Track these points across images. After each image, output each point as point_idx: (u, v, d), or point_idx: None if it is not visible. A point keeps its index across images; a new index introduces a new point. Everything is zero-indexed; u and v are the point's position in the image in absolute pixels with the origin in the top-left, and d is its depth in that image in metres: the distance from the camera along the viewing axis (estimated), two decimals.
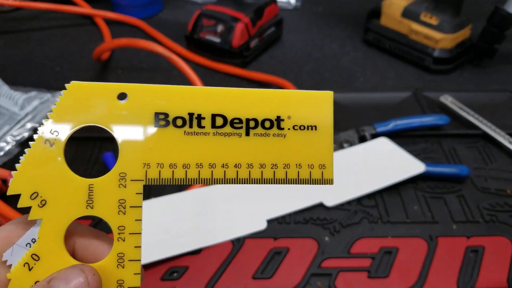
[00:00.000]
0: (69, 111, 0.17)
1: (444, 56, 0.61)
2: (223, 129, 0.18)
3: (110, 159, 0.45)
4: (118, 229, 0.17)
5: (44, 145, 0.17)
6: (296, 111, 0.18)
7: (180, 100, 0.18)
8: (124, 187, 0.17)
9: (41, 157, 0.17)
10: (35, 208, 0.17)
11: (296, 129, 0.18)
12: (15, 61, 0.64)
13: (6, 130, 0.49)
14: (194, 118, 0.18)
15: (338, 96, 0.56)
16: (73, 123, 0.17)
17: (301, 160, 0.18)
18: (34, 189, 0.17)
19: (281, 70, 0.63)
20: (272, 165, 0.18)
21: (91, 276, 0.17)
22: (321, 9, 0.79)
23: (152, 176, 0.17)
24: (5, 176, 0.42)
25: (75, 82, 0.17)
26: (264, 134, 0.18)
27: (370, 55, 0.67)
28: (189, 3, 0.80)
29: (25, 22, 0.73)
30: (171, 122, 0.17)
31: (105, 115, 0.17)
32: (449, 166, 0.45)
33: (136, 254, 0.18)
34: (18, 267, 0.17)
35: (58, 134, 0.17)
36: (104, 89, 0.17)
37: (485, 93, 0.58)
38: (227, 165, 0.18)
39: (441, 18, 0.60)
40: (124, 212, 0.17)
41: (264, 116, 0.18)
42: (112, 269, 0.17)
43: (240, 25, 0.60)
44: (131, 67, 0.63)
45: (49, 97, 0.54)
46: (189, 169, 0.17)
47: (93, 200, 0.17)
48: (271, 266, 0.37)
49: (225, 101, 0.18)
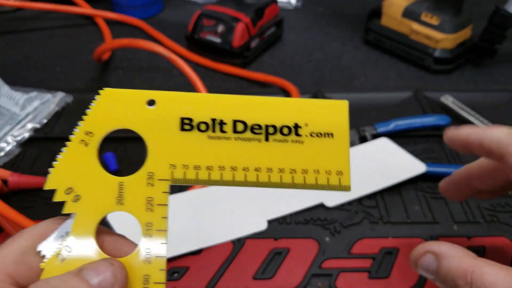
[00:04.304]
0: (102, 114, 0.18)
1: (445, 56, 0.61)
2: (243, 134, 0.19)
3: (110, 159, 0.45)
4: (146, 226, 0.18)
5: (80, 145, 0.18)
6: (313, 118, 0.19)
7: (204, 106, 0.19)
8: (152, 186, 0.18)
9: (76, 155, 0.18)
10: (69, 203, 0.18)
11: (313, 136, 0.19)
12: (16, 61, 0.64)
13: (6, 130, 0.49)
14: (216, 124, 0.19)
15: (338, 96, 0.56)
16: (106, 126, 0.19)
17: (318, 166, 0.19)
18: (69, 184, 0.18)
19: (281, 70, 0.63)
20: (291, 170, 0.19)
21: (119, 270, 0.18)
22: (322, 9, 0.79)
23: (178, 176, 0.18)
24: (6, 176, 0.42)
25: (107, 89, 0.18)
26: (283, 140, 0.19)
27: (371, 55, 0.67)
28: (189, 3, 0.80)
29: (25, 23, 0.73)
30: (195, 126, 0.18)
31: (135, 119, 0.18)
32: (450, 166, 0.45)
33: (163, 251, 0.18)
34: (51, 257, 0.18)
35: (92, 135, 0.18)
36: (134, 96, 0.19)
37: (486, 93, 0.57)
38: (248, 168, 0.18)
39: (442, 18, 0.60)
40: (152, 210, 0.18)
41: (282, 123, 0.19)
42: (139, 264, 0.18)
43: (240, 25, 0.60)
44: (131, 67, 0.63)
45: (50, 97, 0.54)
46: (212, 171, 0.18)
47: (123, 197, 0.18)
48: (272, 267, 0.37)
49: (245, 108, 0.19)
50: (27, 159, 0.47)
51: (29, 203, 0.42)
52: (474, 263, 0.19)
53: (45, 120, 0.51)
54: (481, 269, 0.19)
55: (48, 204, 0.42)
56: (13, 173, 0.43)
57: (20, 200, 0.42)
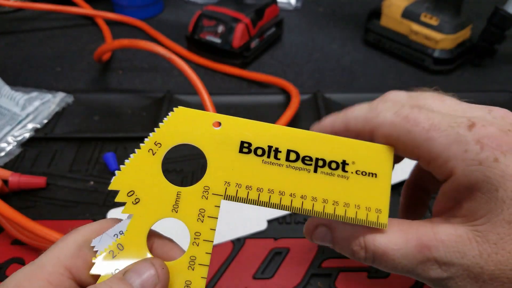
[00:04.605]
0: (173, 129, 0.20)
1: (444, 56, 0.61)
2: (295, 163, 0.20)
3: (111, 159, 0.46)
4: (194, 235, 0.20)
5: (148, 153, 0.20)
6: (361, 158, 0.20)
7: (263, 133, 0.20)
8: (206, 199, 0.20)
9: (143, 162, 0.20)
10: (129, 204, 0.20)
11: (358, 173, 0.20)
12: (16, 61, 0.64)
13: (7, 130, 0.49)
14: (272, 150, 0.20)
15: (338, 96, 0.56)
16: (174, 140, 0.20)
17: (360, 202, 0.20)
18: (132, 188, 0.20)
19: (281, 71, 0.63)
20: (334, 202, 0.20)
21: (160, 269, 0.19)
22: (322, 10, 0.79)
23: (230, 193, 0.20)
24: (6, 176, 0.42)
25: (181, 107, 0.20)
26: (330, 174, 0.20)
27: (371, 56, 0.67)
28: (189, 3, 0.80)
29: (26, 23, 0.74)
30: (253, 150, 0.20)
31: (200, 137, 0.20)
32: None
33: (206, 260, 0.20)
34: (103, 253, 0.19)
35: (160, 146, 0.20)
36: (203, 116, 0.20)
37: (485, 93, 0.58)
38: (295, 195, 0.20)
39: (441, 19, 0.60)
40: (202, 220, 0.20)
41: (331, 158, 0.20)
42: (183, 269, 0.20)
43: (240, 25, 0.60)
44: (132, 68, 0.63)
45: (50, 97, 0.54)
46: (262, 193, 0.20)
47: (179, 205, 0.20)
48: (272, 266, 0.37)
49: (300, 140, 0.20)
50: (27, 159, 0.47)
51: (29, 203, 0.42)
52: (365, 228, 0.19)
53: (46, 120, 0.52)
54: (372, 232, 0.19)
55: (49, 204, 0.42)
56: (14, 173, 0.43)
57: (21, 200, 0.42)
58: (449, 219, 0.18)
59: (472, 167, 0.17)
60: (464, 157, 0.17)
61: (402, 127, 0.19)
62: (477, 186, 0.17)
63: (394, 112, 0.19)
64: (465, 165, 0.17)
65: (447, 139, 0.18)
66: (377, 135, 0.20)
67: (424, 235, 0.18)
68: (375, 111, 0.20)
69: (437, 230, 0.18)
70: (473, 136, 0.17)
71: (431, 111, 0.19)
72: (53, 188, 0.44)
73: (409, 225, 0.19)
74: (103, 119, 0.53)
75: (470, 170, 0.17)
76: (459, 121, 0.18)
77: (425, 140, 0.18)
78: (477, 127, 0.17)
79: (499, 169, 0.17)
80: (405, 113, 0.19)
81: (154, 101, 0.55)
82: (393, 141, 0.19)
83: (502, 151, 0.17)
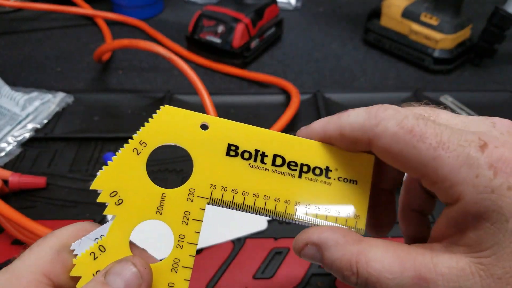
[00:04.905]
0: (159, 128, 0.20)
1: (444, 56, 0.61)
2: (281, 168, 0.20)
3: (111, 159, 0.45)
4: (178, 237, 0.20)
5: (132, 152, 0.19)
6: (343, 165, 0.21)
7: (251, 137, 0.20)
8: (191, 201, 0.20)
9: (127, 162, 0.19)
10: (112, 205, 0.19)
11: (340, 180, 0.21)
12: (16, 61, 0.64)
13: (7, 130, 0.49)
14: (259, 154, 0.20)
15: (338, 96, 0.56)
16: (160, 139, 0.20)
17: (340, 208, 0.21)
18: (115, 188, 0.19)
19: (281, 70, 0.63)
20: (316, 207, 0.20)
21: (142, 268, 0.18)
22: (322, 10, 0.80)
23: (216, 196, 0.20)
24: (6, 176, 0.42)
25: (168, 106, 0.20)
26: (314, 179, 0.21)
27: (371, 56, 0.67)
28: (189, 3, 0.80)
29: (26, 23, 0.74)
30: (239, 154, 0.20)
31: (187, 138, 0.20)
32: None
33: (190, 262, 0.20)
34: (84, 254, 0.19)
35: (145, 145, 0.19)
36: (191, 117, 0.20)
37: (485, 93, 0.58)
38: (279, 199, 0.20)
39: (441, 19, 0.60)
40: (187, 223, 0.20)
41: (316, 164, 0.21)
42: (166, 271, 0.19)
43: (240, 25, 0.60)
44: (131, 68, 0.63)
45: (50, 97, 0.54)
46: (247, 196, 0.20)
47: (163, 207, 0.19)
48: (272, 266, 0.37)
49: (287, 145, 0.21)
50: (27, 159, 0.47)
51: (29, 203, 0.42)
52: (358, 250, 0.18)
53: (46, 120, 0.51)
54: (366, 256, 0.18)
55: (49, 204, 0.42)
56: (14, 173, 0.43)
57: (21, 200, 0.42)
58: (450, 247, 0.17)
59: (484, 194, 0.15)
60: (475, 183, 0.16)
61: (407, 141, 0.17)
62: (486, 215, 0.15)
63: (397, 122, 0.17)
64: (475, 192, 0.16)
65: (457, 160, 0.16)
66: (376, 145, 0.18)
67: (422, 266, 0.17)
68: (374, 119, 0.18)
69: (437, 261, 0.17)
70: (486, 159, 0.16)
71: (438, 124, 0.17)
72: (53, 188, 0.44)
73: (407, 251, 0.17)
74: (103, 119, 0.53)
75: (481, 198, 0.15)
76: (470, 139, 0.16)
77: (432, 159, 0.16)
78: (490, 148, 0.16)
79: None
80: (409, 124, 0.17)
81: (154, 101, 0.55)
82: (395, 155, 0.18)
83: None
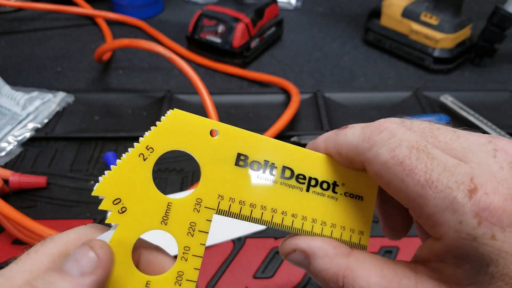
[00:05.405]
0: (167, 133, 0.18)
1: (444, 56, 0.61)
2: (289, 181, 0.20)
3: (111, 159, 0.46)
4: (183, 249, 0.19)
5: (138, 158, 0.18)
6: (349, 180, 0.20)
7: (261, 147, 0.20)
8: (197, 212, 0.19)
9: (132, 167, 0.18)
10: (115, 213, 0.18)
11: (346, 195, 0.20)
12: (17, 61, 0.64)
13: (7, 130, 0.49)
14: (268, 166, 0.20)
15: (338, 96, 0.56)
16: (168, 145, 0.19)
17: (345, 223, 0.20)
18: (119, 195, 0.18)
19: (281, 70, 0.63)
20: (322, 222, 0.20)
21: (100, 250, 0.17)
22: (322, 9, 0.80)
23: (223, 208, 0.19)
24: (7, 176, 0.42)
25: (177, 110, 0.19)
26: (321, 194, 0.20)
27: (371, 55, 0.67)
28: (190, 3, 0.80)
29: (26, 23, 0.74)
30: (249, 164, 0.19)
31: (196, 145, 0.19)
32: None
33: (194, 276, 0.19)
34: None
35: (152, 151, 0.18)
36: (201, 123, 0.19)
37: (485, 93, 0.58)
38: (286, 213, 0.20)
39: (441, 18, 0.60)
40: (193, 235, 0.19)
41: (323, 178, 0.20)
42: (169, 285, 0.18)
43: (240, 25, 0.60)
44: (132, 67, 0.63)
45: (51, 97, 0.54)
46: (254, 209, 0.19)
47: (169, 217, 0.19)
48: (272, 266, 0.37)
49: (296, 157, 0.20)
50: (28, 159, 0.47)
51: (30, 203, 0.42)
52: (346, 265, 0.18)
53: (46, 120, 0.52)
54: (353, 272, 0.18)
55: (49, 203, 0.42)
56: (14, 172, 0.43)
57: (21, 200, 0.42)
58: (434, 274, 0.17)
59: (465, 241, 0.15)
60: (458, 229, 0.15)
61: (396, 173, 0.16)
62: (467, 258, 0.16)
63: (389, 151, 0.17)
64: (457, 237, 0.15)
65: (442, 202, 0.16)
66: (368, 169, 0.18)
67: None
68: (368, 142, 0.18)
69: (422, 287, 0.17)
70: (472, 207, 0.15)
71: (431, 159, 0.16)
72: (54, 187, 0.44)
73: (394, 272, 0.18)
74: (104, 119, 0.53)
75: (462, 243, 0.15)
76: (460, 180, 0.16)
77: (418, 196, 0.16)
78: (479, 195, 0.15)
79: (495, 247, 0.15)
80: (401, 156, 0.16)
81: (154, 101, 0.56)
82: (384, 183, 0.17)
83: (502, 226, 0.15)
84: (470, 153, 0.17)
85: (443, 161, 0.16)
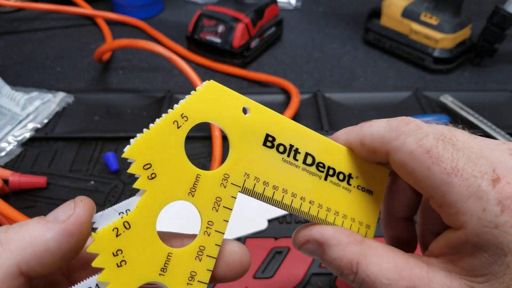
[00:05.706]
0: (202, 103, 0.18)
1: (444, 56, 0.61)
2: (310, 167, 0.20)
3: (111, 159, 0.46)
4: (207, 223, 0.18)
5: (172, 125, 0.18)
6: (363, 174, 0.21)
7: (288, 131, 0.20)
8: (224, 187, 0.19)
9: (165, 134, 0.18)
10: (144, 179, 0.17)
11: (359, 188, 0.21)
12: (17, 61, 0.64)
13: (7, 130, 0.49)
14: (292, 150, 0.20)
15: (338, 96, 0.56)
16: (202, 116, 0.18)
17: (355, 215, 0.21)
18: (150, 160, 0.17)
19: (281, 70, 0.63)
20: (335, 212, 0.21)
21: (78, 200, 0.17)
22: (322, 9, 0.80)
23: (248, 186, 0.19)
24: (7, 176, 0.42)
25: (213, 82, 0.18)
26: (337, 184, 0.21)
27: (370, 55, 0.67)
28: (189, 3, 0.80)
29: (26, 23, 0.74)
30: (275, 146, 0.19)
31: (229, 120, 0.19)
32: None
33: (215, 252, 0.19)
34: (106, 229, 0.17)
35: (187, 119, 0.18)
36: (235, 98, 0.19)
37: (485, 93, 0.58)
38: (304, 198, 0.20)
39: (441, 18, 0.60)
40: (217, 210, 0.19)
41: (340, 169, 0.21)
42: (190, 259, 0.18)
43: (240, 25, 0.60)
44: (132, 67, 0.63)
45: (50, 97, 0.54)
46: (276, 191, 0.19)
47: (196, 189, 0.18)
48: (272, 266, 0.37)
49: (318, 146, 0.20)
50: (28, 159, 0.47)
51: (30, 203, 0.42)
52: (359, 252, 0.19)
53: (46, 120, 0.52)
54: (366, 259, 0.18)
55: (49, 204, 0.42)
56: (14, 173, 0.43)
57: (21, 200, 0.42)
58: (447, 265, 0.18)
59: (487, 229, 0.16)
60: (481, 216, 0.16)
61: (422, 161, 0.17)
62: (485, 247, 0.16)
63: (416, 140, 0.17)
64: (479, 225, 0.16)
65: (467, 190, 0.16)
66: (392, 158, 0.18)
67: (418, 278, 0.17)
68: (394, 132, 0.18)
69: (433, 277, 0.17)
70: (495, 195, 0.16)
71: (456, 150, 0.17)
72: (54, 188, 0.44)
73: (405, 260, 0.18)
74: (104, 119, 0.53)
75: (483, 232, 0.16)
76: (484, 170, 0.16)
77: (443, 183, 0.17)
78: (502, 184, 0.16)
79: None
80: (428, 145, 0.17)
81: (154, 101, 0.55)
82: (408, 172, 0.18)
83: None
84: (488, 151, 0.17)
85: (467, 153, 0.17)
